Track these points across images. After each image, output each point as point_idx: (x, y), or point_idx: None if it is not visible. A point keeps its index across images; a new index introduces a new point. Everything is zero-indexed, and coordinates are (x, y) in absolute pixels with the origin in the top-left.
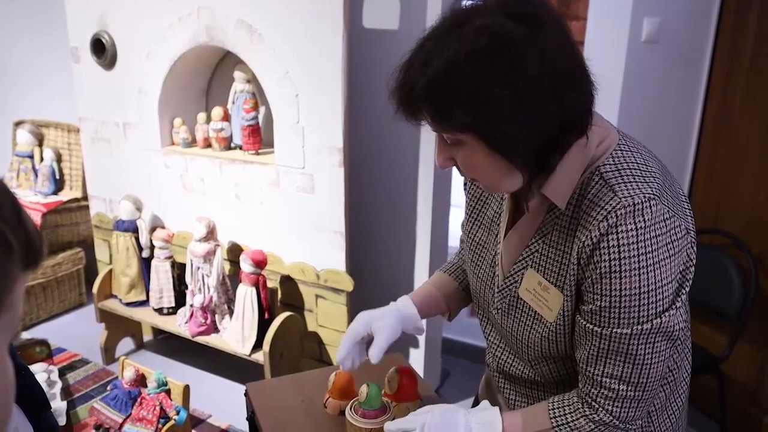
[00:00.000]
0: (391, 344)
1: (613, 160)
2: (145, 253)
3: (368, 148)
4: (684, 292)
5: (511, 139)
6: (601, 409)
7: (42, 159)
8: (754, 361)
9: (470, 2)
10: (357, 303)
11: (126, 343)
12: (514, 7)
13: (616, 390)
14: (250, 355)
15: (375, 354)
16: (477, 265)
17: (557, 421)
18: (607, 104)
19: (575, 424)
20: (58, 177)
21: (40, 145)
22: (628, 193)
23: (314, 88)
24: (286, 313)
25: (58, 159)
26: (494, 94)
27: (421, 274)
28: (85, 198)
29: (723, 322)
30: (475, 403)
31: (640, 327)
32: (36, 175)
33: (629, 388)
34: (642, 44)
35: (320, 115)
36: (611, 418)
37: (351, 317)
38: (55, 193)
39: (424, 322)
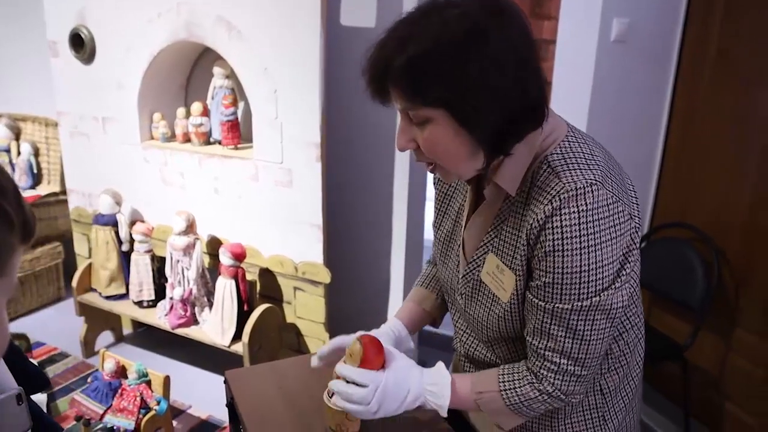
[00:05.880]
0: None
1: (561, 150)
2: (125, 247)
3: (345, 144)
4: (625, 273)
5: (478, 114)
6: (545, 380)
7: (19, 153)
8: (716, 350)
9: None
10: (334, 294)
11: (106, 337)
12: (487, 1)
13: (558, 363)
14: (229, 347)
15: None
16: (445, 255)
17: (505, 385)
18: (577, 101)
19: (521, 390)
20: (35, 171)
21: (17, 139)
22: (572, 179)
23: (292, 84)
24: (265, 305)
25: (36, 153)
26: (469, 73)
27: (397, 266)
28: (63, 192)
29: (687, 312)
30: None
31: (579, 303)
32: (13, 170)
33: (569, 362)
34: (611, 44)
35: (298, 111)
36: (554, 389)
37: (328, 309)
38: (32, 187)
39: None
